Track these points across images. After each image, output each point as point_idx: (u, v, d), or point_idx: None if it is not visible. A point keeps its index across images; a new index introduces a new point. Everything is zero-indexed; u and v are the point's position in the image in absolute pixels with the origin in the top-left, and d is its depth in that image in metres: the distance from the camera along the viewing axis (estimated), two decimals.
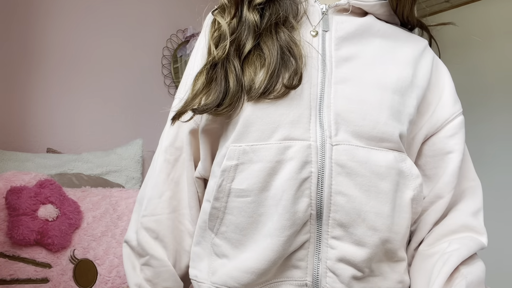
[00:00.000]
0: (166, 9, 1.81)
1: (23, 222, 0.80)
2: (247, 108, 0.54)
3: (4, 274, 0.78)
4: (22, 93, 1.35)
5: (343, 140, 0.53)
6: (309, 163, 0.52)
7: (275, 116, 0.53)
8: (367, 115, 0.54)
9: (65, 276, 0.84)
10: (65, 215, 0.87)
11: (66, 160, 1.20)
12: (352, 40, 0.59)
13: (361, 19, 0.61)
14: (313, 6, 0.61)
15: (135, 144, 1.35)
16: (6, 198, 0.82)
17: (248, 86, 0.55)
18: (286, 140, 0.53)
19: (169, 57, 1.81)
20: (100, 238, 0.92)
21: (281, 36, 0.57)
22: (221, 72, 0.56)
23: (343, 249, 0.52)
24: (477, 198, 0.61)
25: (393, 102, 0.56)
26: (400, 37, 0.64)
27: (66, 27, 1.48)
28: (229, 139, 0.56)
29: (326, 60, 0.58)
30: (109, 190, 1.03)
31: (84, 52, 1.53)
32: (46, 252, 0.83)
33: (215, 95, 0.55)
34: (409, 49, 0.62)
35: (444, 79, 0.64)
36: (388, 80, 0.58)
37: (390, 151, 0.55)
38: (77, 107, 1.48)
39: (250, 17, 0.58)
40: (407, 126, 0.57)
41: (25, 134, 1.34)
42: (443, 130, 0.61)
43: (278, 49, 0.55)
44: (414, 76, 0.60)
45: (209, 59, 0.58)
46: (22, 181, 0.86)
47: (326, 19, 0.61)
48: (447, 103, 0.62)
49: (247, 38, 0.57)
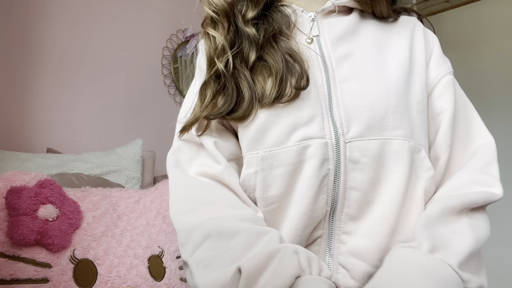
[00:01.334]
0: (166, 9, 1.81)
1: (23, 222, 0.80)
2: (261, 115, 0.55)
3: (4, 274, 0.78)
4: (22, 93, 1.35)
5: (355, 136, 0.54)
6: (327, 160, 0.54)
7: (290, 120, 0.54)
8: (376, 106, 0.55)
9: (65, 276, 0.84)
10: (65, 215, 0.87)
11: (66, 160, 1.20)
12: (346, 38, 0.61)
13: (349, 17, 0.64)
14: (302, 16, 0.64)
15: (135, 144, 1.34)
16: (6, 198, 0.82)
17: (260, 94, 0.56)
18: (304, 140, 0.54)
19: (169, 57, 1.81)
20: (100, 238, 0.92)
21: (281, 45, 0.59)
22: (231, 82, 0.58)
23: (354, 243, 0.53)
24: (486, 154, 0.60)
25: (398, 89, 0.57)
26: (389, 22, 0.66)
27: (66, 27, 1.48)
28: (245, 146, 0.57)
29: (326, 61, 0.59)
30: (109, 190, 1.03)
31: (84, 52, 1.53)
32: (46, 252, 0.83)
33: (226, 101, 0.57)
34: (400, 33, 0.64)
35: (434, 45, 0.66)
36: (389, 69, 0.59)
37: (406, 141, 0.55)
38: (77, 107, 1.48)
39: (248, 31, 0.60)
40: (415, 108, 0.58)
41: (25, 134, 1.34)
42: (432, 93, 0.62)
43: (282, 57, 0.58)
44: (412, 57, 0.62)
45: (212, 71, 0.59)
46: (22, 181, 0.86)
47: (316, 25, 0.63)
48: (433, 67, 0.64)
49: (249, 50, 0.60)
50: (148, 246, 0.98)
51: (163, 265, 0.98)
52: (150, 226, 1.02)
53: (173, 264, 0.99)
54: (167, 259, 0.99)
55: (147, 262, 0.95)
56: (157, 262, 0.97)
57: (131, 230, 0.98)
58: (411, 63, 0.61)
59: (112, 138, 1.56)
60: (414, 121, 0.57)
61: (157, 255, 0.98)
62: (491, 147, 0.61)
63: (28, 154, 1.18)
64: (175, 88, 1.81)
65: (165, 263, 0.98)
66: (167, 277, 0.96)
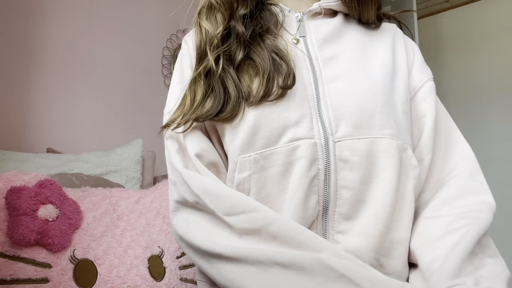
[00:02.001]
0: (166, 9, 1.81)
1: (23, 222, 0.80)
2: (250, 115, 0.55)
3: (4, 274, 0.78)
4: (22, 93, 1.35)
5: (344, 135, 0.55)
6: (316, 161, 0.54)
7: (280, 121, 0.54)
8: (364, 105, 0.56)
9: (65, 276, 0.84)
10: (65, 215, 0.87)
11: (66, 160, 1.20)
12: (332, 40, 0.62)
13: (334, 20, 0.65)
14: (288, 16, 0.65)
15: (135, 144, 1.34)
16: (6, 198, 0.82)
17: (247, 93, 0.56)
18: (293, 141, 0.54)
19: (169, 57, 1.81)
20: (100, 238, 0.92)
21: (268, 44, 0.59)
22: (218, 81, 0.57)
23: (348, 242, 0.53)
24: (469, 159, 0.61)
25: (384, 89, 0.58)
26: (371, 29, 0.68)
27: (66, 27, 1.48)
28: (235, 150, 0.56)
29: (313, 61, 0.60)
30: (109, 190, 1.03)
31: (84, 52, 1.53)
32: (46, 252, 0.83)
33: (215, 103, 0.56)
34: (382, 38, 0.66)
35: (414, 53, 0.68)
36: (374, 70, 0.61)
37: (393, 140, 0.56)
38: (77, 107, 1.48)
39: (238, 28, 0.60)
40: (401, 108, 0.59)
41: (25, 134, 1.34)
42: (416, 96, 0.64)
43: (269, 56, 0.57)
44: (394, 60, 0.64)
45: (201, 67, 0.59)
46: (22, 181, 0.86)
47: (303, 25, 0.64)
48: (416, 72, 0.66)
49: (236, 48, 0.59)
50: (148, 246, 0.98)
51: (163, 265, 0.98)
52: (150, 226, 1.02)
53: (173, 264, 0.99)
54: (167, 259, 0.99)
55: (147, 262, 0.95)
56: (157, 262, 0.97)
57: (131, 230, 0.98)
58: (394, 65, 0.63)
59: (112, 138, 1.56)
60: (400, 120, 0.58)
61: (157, 255, 0.98)
62: (471, 154, 0.63)
63: (28, 154, 1.18)
64: None
65: (165, 263, 0.98)
66: (167, 277, 0.96)
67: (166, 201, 1.09)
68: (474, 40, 2.39)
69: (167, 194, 1.11)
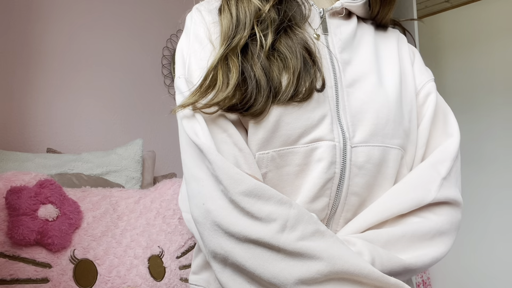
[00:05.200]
0: (166, 9, 1.81)
1: (23, 222, 0.80)
2: (274, 112, 0.52)
3: (4, 274, 0.78)
4: (22, 93, 1.35)
5: (360, 141, 0.54)
6: (334, 164, 0.53)
7: (302, 121, 0.53)
8: (379, 113, 0.56)
9: (65, 276, 0.84)
10: (65, 215, 0.87)
11: (66, 160, 1.20)
12: (351, 42, 0.61)
13: (352, 22, 0.64)
14: (311, 10, 0.62)
15: (135, 144, 1.34)
16: (6, 198, 0.82)
17: (277, 89, 0.52)
18: (313, 142, 0.53)
19: (169, 57, 1.81)
20: (100, 238, 0.92)
21: (298, 37, 0.56)
22: (251, 66, 0.53)
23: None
24: (445, 151, 0.59)
25: (395, 98, 0.58)
26: (379, 33, 0.68)
27: (66, 27, 1.48)
28: (255, 145, 0.53)
29: (334, 62, 0.58)
30: (109, 190, 1.03)
31: (84, 52, 1.53)
32: (46, 252, 0.83)
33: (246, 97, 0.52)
34: (390, 43, 0.66)
35: (415, 56, 0.68)
36: (386, 78, 0.60)
37: (400, 150, 0.57)
38: (77, 107, 1.48)
39: (272, 13, 0.56)
40: (407, 117, 0.59)
41: (25, 134, 1.34)
42: (416, 101, 0.64)
43: (300, 52, 0.54)
44: (401, 66, 0.64)
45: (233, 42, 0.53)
46: (22, 181, 0.86)
47: (325, 22, 0.62)
48: (416, 75, 0.65)
49: (267, 34, 0.55)
50: (148, 246, 0.98)
51: (163, 265, 0.98)
52: (150, 226, 1.02)
53: (173, 264, 0.99)
54: (167, 259, 0.99)
55: (147, 262, 0.95)
56: (157, 262, 0.97)
57: (131, 230, 0.98)
58: (401, 72, 0.63)
59: (112, 138, 1.56)
60: (406, 130, 0.58)
61: (157, 255, 0.98)
62: (452, 144, 0.60)
63: (28, 154, 1.18)
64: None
65: (165, 263, 0.98)
66: (167, 277, 0.96)
67: (166, 201, 1.09)
68: (474, 40, 2.39)
69: (167, 194, 1.11)
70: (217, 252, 0.47)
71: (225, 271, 0.47)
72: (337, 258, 0.43)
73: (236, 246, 0.45)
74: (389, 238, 0.51)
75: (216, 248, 0.47)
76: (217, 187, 0.48)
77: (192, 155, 0.51)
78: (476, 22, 2.39)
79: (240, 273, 0.46)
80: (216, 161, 0.48)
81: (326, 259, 0.43)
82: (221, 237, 0.46)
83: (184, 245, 1.05)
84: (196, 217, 0.50)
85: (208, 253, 0.49)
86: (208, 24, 0.59)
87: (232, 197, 0.46)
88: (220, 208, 0.47)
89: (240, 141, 0.52)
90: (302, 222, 0.45)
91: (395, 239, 0.51)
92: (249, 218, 0.45)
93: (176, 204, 1.10)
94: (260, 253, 0.44)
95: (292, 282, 0.42)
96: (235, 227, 0.45)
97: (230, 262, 0.46)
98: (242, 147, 0.52)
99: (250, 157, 0.52)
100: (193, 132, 0.51)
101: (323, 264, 0.43)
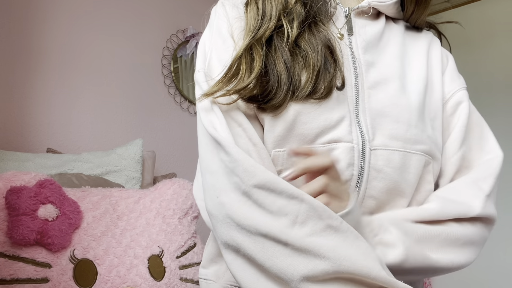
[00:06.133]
0: (166, 9, 1.81)
1: (23, 222, 0.80)
2: (292, 109, 0.52)
3: (4, 274, 0.78)
4: (22, 93, 1.35)
5: (380, 144, 0.54)
6: (352, 166, 0.52)
7: (320, 121, 0.52)
8: (400, 118, 0.55)
9: (65, 276, 0.84)
10: (65, 215, 0.87)
11: (66, 160, 1.20)
12: (376, 44, 0.60)
13: (379, 22, 0.62)
14: (336, 9, 0.61)
15: (135, 144, 1.34)
16: (6, 198, 0.82)
17: (296, 85, 0.52)
18: (331, 143, 0.52)
19: (169, 57, 1.81)
20: (100, 238, 0.92)
21: (321, 35, 0.55)
22: (271, 63, 0.53)
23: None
24: (488, 168, 0.60)
25: (418, 104, 0.57)
26: (410, 34, 0.65)
27: (66, 27, 1.48)
28: (271, 142, 0.53)
29: (356, 63, 0.58)
30: (109, 190, 1.03)
31: (84, 52, 1.53)
32: (46, 252, 0.83)
33: (267, 90, 0.52)
34: (419, 46, 0.64)
35: (448, 62, 0.66)
36: (410, 83, 0.59)
37: (423, 156, 0.55)
38: (77, 107, 1.48)
39: (298, 7, 0.56)
40: (430, 125, 0.58)
41: (25, 134, 1.34)
42: (445, 108, 0.62)
43: (321, 50, 0.54)
44: (428, 72, 0.62)
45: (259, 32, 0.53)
46: (22, 181, 0.86)
47: (350, 22, 0.61)
48: (446, 82, 0.64)
49: (292, 30, 0.54)
50: (148, 246, 0.98)
51: (163, 265, 0.98)
52: (150, 226, 1.02)
53: (173, 264, 0.99)
54: (167, 259, 0.99)
55: (147, 262, 0.95)
56: (157, 262, 0.97)
57: (131, 230, 0.98)
58: (428, 79, 0.61)
59: (112, 138, 1.56)
60: (431, 137, 0.57)
61: (157, 255, 0.98)
62: (494, 162, 0.60)
63: (28, 154, 1.18)
64: (175, 88, 1.81)
65: (165, 263, 0.98)
66: (167, 277, 0.96)
67: (166, 201, 1.09)
68: (474, 40, 2.39)
69: (166, 194, 1.11)
70: (229, 244, 0.47)
71: (236, 261, 0.47)
72: (344, 259, 0.43)
73: (247, 239, 0.45)
74: (424, 234, 0.51)
75: (228, 240, 0.47)
76: (230, 179, 0.48)
77: (208, 147, 0.51)
78: (476, 22, 2.39)
79: (251, 264, 0.46)
80: (234, 153, 0.48)
81: (332, 259, 0.42)
82: (233, 230, 0.46)
83: (184, 245, 1.05)
84: (210, 210, 0.50)
85: (221, 244, 0.49)
86: (231, 19, 0.59)
87: (245, 189, 0.46)
88: (232, 201, 0.47)
89: (255, 136, 0.52)
90: (313, 217, 0.44)
91: (429, 236, 0.52)
92: (261, 212, 0.45)
93: (176, 204, 1.10)
94: (269, 247, 0.44)
95: (298, 279, 0.42)
96: (246, 221, 0.45)
97: (242, 253, 0.46)
98: (256, 142, 0.52)
99: (264, 152, 0.52)
100: (211, 125, 0.51)
101: (328, 264, 0.42)
